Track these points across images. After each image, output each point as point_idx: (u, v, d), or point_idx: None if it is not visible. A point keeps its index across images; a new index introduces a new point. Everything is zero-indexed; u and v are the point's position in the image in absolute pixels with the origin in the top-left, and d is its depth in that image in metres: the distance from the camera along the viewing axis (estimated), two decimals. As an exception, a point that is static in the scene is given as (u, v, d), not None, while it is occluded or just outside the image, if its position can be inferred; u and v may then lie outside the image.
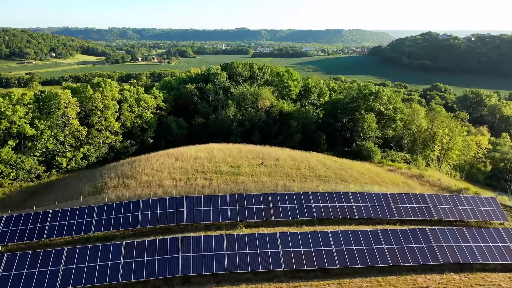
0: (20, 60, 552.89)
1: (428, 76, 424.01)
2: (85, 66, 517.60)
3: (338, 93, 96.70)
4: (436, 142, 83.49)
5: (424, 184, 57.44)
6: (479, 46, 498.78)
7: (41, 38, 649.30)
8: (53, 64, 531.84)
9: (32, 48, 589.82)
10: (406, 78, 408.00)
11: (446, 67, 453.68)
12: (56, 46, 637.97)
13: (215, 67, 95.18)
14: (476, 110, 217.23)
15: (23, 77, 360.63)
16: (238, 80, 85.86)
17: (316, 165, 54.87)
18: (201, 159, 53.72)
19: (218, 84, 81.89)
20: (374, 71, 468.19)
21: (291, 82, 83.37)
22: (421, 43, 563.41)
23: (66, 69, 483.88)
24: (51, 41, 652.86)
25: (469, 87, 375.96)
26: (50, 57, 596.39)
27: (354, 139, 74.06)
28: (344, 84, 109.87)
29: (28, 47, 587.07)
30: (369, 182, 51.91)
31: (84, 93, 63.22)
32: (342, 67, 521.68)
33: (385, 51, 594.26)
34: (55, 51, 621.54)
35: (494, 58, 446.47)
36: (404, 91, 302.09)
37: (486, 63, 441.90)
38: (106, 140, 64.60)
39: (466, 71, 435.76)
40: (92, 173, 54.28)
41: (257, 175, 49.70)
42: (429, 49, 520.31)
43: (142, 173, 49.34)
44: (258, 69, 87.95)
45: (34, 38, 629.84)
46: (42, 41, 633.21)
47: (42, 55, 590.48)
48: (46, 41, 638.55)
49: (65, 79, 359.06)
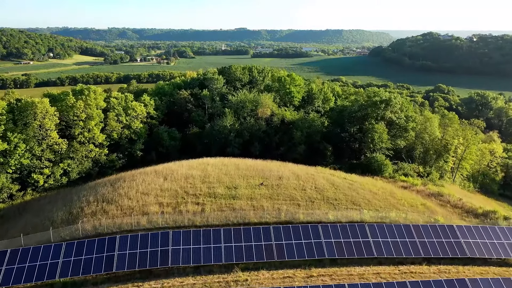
0: (18, 60, 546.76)
1: (430, 77, 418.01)
2: (83, 67, 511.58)
3: (344, 99, 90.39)
4: (450, 152, 77.20)
5: (444, 205, 51.11)
6: (481, 47, 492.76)
7: (38, 38, 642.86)
8: (51, 65, 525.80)
9: (30, 48, 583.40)
10: (408, 79, 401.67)
11: (448, 67, 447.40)
12: (54, 47, 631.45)
13: (212, 70, 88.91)
14: (482, 113, 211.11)
15: (19, 78, 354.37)
16: (237, 86, 79.55)
17: (323, 184, 48.51)
18: (193, 179, 47.37)
19: (215, 90, 75.57)
20: (375, 72, 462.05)
21: (294, 88, 77.01)
22: (422, 43, 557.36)
23: (63, 69, 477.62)
24: (49, 41, 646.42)
25: (472, 88, 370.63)
26: (48, 58, 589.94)
27: (362, 150, 67.74)
28: (349, 89, 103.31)
29: (25, 47, 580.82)
30: (384, 205, 45.58)
31: (65, 102, 56.88)
32: (343, 67, 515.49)
33: (386, 51, 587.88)
34: (53, 51, 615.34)
35: (496, 58, 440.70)
36: (407, 92, 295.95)
37: (489, 64, 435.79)
38: (90, 153, 58.27)
39: (468, 72, 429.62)
40: (70, 194, 47.90)
41: (257, 199, 43.35)
42: (430, 49, 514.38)
43: (125, 196, 42.97)
44: (258, 73, 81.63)
45: (31, 39, 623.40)
46: (40, 41, 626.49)
47: (39, 56, 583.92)
48: (44, 42, 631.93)
49: (62, 81, 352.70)
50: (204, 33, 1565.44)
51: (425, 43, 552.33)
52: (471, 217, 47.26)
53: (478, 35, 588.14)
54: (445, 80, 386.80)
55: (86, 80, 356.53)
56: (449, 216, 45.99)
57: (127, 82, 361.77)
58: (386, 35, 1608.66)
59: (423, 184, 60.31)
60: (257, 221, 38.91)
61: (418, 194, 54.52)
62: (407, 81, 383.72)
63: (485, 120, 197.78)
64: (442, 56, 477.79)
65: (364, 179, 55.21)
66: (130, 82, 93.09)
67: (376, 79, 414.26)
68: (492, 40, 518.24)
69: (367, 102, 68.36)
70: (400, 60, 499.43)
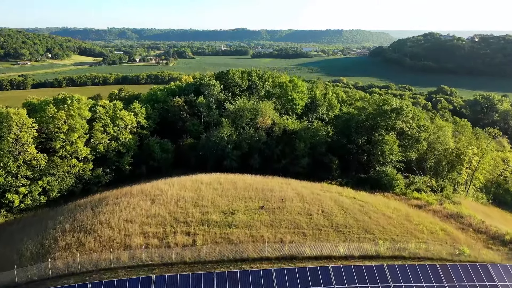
0: (15, 61, 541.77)
1: (432, 78, 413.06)
2: (81, 68, 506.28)
3: (349, 105, 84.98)
4: (464, 163, 71.82)
5: (466, 229, 45.68)
6: (483, 47, 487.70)
7: (37, 38, 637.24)
8: (49, 65, 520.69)
9: (28, 49, 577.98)
10: (409, 80, 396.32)
11: (449, 68, 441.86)
12: (53, 47, 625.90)
13: (209, 74, 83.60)
14: (488, 115, 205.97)
15: (15, 79, 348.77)
16: (235, 91, 74.08)
17: (331, 208, 43.10)
18: (185, 202, 41.96)
19: (212, 97, 70.12)
20: (376, 73, 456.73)
21: (296, 95, 71.59)
22: (423, 43, 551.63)
23: (61, 70, 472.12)
24: (47, 41, 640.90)
25: (475, 89, 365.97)
26: (46, 58, 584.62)
27: (371, 163, 62.30)
28: (354, 94, 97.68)
29: (23, 47, 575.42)
30: (400, 232, 40.20)
31: (44, 112, 51.47)
32: (343, 68, 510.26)
33: (387, 51, 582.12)
34: (51, 52, 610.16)
35: (499, 59, 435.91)
36: (409, 94, 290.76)
37: (491, 65, 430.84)
38: (72, 169, 52.85)
39: (470, 73, 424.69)
40: (46, 219, 42.40)
41: (257, 227, 37.93)
42: (431, 50, 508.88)
43: (105, 224, 37.56)
44: (257, 78, 76.15)
45: (29, 39, 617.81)
46: (38, 41, 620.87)
47: (37, 56, 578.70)
48: (42, 42, 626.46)
49: (59, 82, 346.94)
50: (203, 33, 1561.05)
51: (426, 43, 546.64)
52: (498, 245, 41.90)
53: (480, 35, 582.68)
54: (447, 81, 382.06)
55: (84, 81, 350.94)
56: (473, 244, 40.61)
57: (125, 83, 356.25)
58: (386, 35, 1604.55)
59: (439, 202, 54.92)
60: (256, 256, 33.59)
61: (436, 216, 49.11)
62: (408, 82, 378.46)
63: (490, 123, 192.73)
64: (444, 56, 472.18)
65: (375, 199, 49.78)
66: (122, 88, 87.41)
67: (377, 80, 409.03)
68: (494, 40, 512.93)
69: (376, 110, 62.91)
70: (401, 61, 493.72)
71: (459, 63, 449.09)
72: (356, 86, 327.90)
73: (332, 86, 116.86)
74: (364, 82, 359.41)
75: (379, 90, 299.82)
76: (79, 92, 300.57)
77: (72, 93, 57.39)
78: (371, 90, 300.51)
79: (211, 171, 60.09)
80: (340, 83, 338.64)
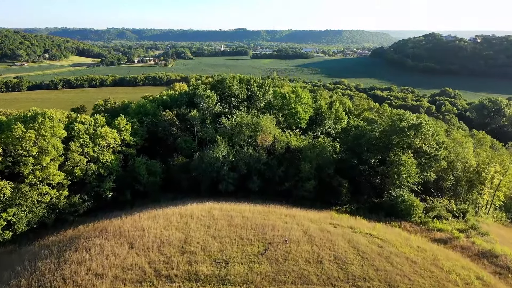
0: (12, 62, 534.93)
1: (434, 79, 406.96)
2: (78, 69, 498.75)
3: (356, 116, 77.89)
4: (486, 182, 64.82)
5: (504, 274, 38.55)
6: (485, 48, 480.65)
7: (34, 39, 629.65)
8: (46, 67, 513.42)
9: (25, 49, 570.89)
10: (411, 82, 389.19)
11: (452, 69, 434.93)
12: (50, 48, 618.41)
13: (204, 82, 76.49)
14: (495, 120, 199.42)
15: (11, 81, 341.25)
16: (232, 103, 66.88)
17: (345, 251, 35.99)
18: (170, 246, 34.84)
19: (206, 110, 62.98)
20: (378, 74, 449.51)
21: (300, 107, 64.40)
22: (425, 44, 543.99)
23: (59, 71, 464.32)
24: (45, 42, 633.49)
25: (479, 91, 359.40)
26: (43, 59, 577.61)
27: (385, 186, 55.19)
28: (362, 103, 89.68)
29: (20, 48, 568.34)
30: (430, 284, 33.10)
31: (10, 133, 44.37)
32: (344, 69, 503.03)
33: (388, 52, 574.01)
34: (48, 52, 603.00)
35: (502, 60, 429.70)
36: (412, 96, 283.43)
37: (494, 66, 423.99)
38: (44, 197, 45.72)
39: (473, 74, 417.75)
40: (0, 268, 35.26)
41: (256, 283, 30.80)
42: (433, 51, 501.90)
43: (70, 280, 30.42)
44: (257, 88, 68.93)
45: (27, 39, 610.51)
46: (35, 42, 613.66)
47: (35, 57, 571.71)
48: (40, 43, 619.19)
49: (56, 83, 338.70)
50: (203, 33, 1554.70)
51: (428, 44, 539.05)
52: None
53: (481, 36, 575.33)
54: (450, 82, 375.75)
55: (81, 83, 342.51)
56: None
57: (123, 84, 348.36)
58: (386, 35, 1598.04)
59: (465, 234, 47.84)
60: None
61: (465, 255, 42.06)
62: (411, 84, 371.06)
63: (498, 127, 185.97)
64: (446, 57, 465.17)
65: (394, 235, 42.61)
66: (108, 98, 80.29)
67: (379, 81, 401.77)
68: (496, 41, 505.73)
69: (391, 126, 55.75)
70: (402, 62, 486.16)
71: (461, 64, 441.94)
72: (357, 88, 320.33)
73: (336, 93, 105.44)
74: (366, 84, 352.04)
75: (381, 93, 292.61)
76: (75, 94, 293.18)
77: (45, 109, 50.15)
78: (373, 92, 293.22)
79: (205, 195, 53.19)
80: (341, 85, 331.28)
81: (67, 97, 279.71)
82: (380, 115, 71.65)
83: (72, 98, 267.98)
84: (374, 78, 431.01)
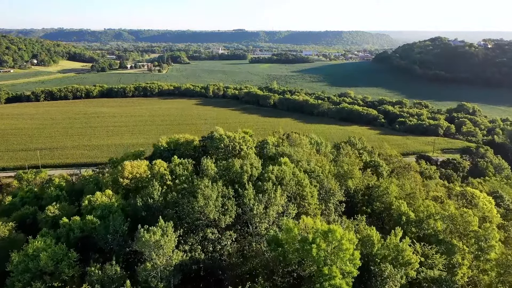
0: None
1: (447, 90, 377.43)
2: (67, 76, 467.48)
3: (417, 223, 48.15)
4: None
5: None
6: (498, 55, 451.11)
7: (22, 43, 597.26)
8: (33, 73, 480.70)
9: (11, 55, 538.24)
10: (421, 92, 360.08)
11: (464, 78, 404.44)
12: (39, 52, 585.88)
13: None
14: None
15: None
16: (207, 235, 36.24)
17: None
18: None
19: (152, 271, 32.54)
20: (384, 82, 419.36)
21: (338, 271, 32.75)
22: (432, 49, 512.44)
23: (46, 79, 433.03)
24: (34, 46, 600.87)
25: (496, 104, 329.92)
26: (31, 65, 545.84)
27: None
28: (424, 206, 53.74)
29: (6, 54, 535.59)
30: None
31: None
32: (347, 75, 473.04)
33: (393, 58, 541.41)
34: (37, 58, 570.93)
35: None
36: (427, 113, 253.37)
37: (509, 74, 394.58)
38: None
39: (487, 84, 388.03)
40: None
41: None
42: (442, 57, 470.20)
43: None
44: (253, 197, 38.42)
45: (14, 44, 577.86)
46: (23, 46, 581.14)
47: (22, 63, 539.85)
48: (28, 47, 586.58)
49: (37, 95, 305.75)
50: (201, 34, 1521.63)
51: (435, 49, 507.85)
52: None
53: (490, 40, 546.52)
54: (464, 93, 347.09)
55: (64, 95, 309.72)
56: None
57: (110, 96, 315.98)
58: (386, 36, 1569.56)
59: None
60: None
61: None
62: (421, 94, 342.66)
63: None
64: (456, 65, 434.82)
65: None
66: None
67: (387, 91, 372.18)
68: (509, 47, 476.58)
69: None
70: (409, 69, 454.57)
71: (473, 72, 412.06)
72: (365, 101, 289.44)
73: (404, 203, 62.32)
74: (373, 95, 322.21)
75: (393, 108, 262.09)
76: (56, 108, 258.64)
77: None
78: (383, 107, 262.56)
79: None
80: (347, 97, 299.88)
81: (47, 113, 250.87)
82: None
83: (53, 114, 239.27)
84: (381, 87, 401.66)
